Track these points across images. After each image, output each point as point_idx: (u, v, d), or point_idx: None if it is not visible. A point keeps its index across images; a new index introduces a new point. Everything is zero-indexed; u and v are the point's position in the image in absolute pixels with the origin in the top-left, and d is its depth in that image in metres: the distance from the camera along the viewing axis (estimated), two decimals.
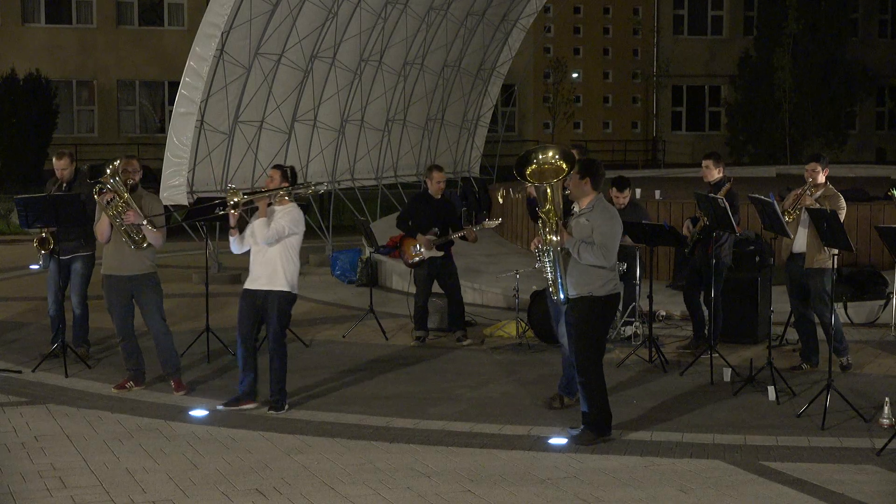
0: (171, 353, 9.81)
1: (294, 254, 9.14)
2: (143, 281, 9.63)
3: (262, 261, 9.10)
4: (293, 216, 9.11)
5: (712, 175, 11.07)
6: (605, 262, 8.09)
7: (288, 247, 9.08)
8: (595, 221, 8.13)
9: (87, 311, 11.12)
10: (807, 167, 10.25)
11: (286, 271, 9.07)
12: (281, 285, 9.07)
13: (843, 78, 40.29)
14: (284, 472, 7.53)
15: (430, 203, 11.99)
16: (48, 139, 32.33)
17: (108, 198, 9.38)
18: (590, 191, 8.22)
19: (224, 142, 17.49)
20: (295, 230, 9.10)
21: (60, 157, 10.97)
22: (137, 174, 9.62)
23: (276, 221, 9.04)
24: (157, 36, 39.10)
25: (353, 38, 20.03)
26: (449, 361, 11.11)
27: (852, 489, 7.16)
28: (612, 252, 8.15)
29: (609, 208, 8.30)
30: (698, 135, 44.03)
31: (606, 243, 8.09)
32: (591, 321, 8.21)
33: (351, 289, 15.70)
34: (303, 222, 9.22)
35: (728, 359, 10.30)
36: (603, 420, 8.24)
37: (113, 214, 9.41)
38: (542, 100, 41.79)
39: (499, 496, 7.07)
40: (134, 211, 9.39)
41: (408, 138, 23.82)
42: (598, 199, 8.24)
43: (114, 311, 9.75)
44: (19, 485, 7.24)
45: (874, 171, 29.26)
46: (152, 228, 9.47)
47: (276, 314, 9.09)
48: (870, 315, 12.72)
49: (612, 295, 8.26)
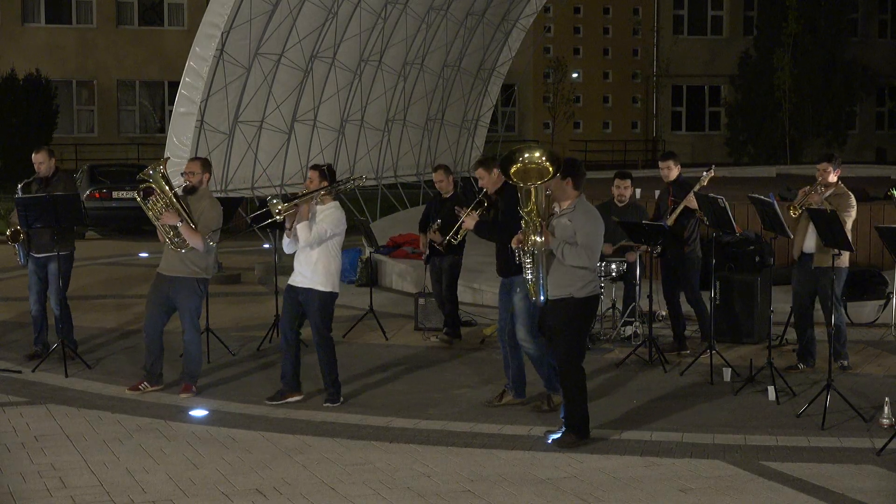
0: (195, 360, 9.75)
1: (336, 253, 9.27)
2: (184, 284, 9.53)
3: (304, 259, 9.21)
4: (334, 218, 9.20)
5: (673, 174, 11.27)
6: (589, 262, 8.03)
7: (330, 247, 9.20)
8: (577, 222, 8.05)
9: (69, 310, 10.99)
10: (818, 166, 10.25)
11: (327, 270, 9.18)
12: (321, 284, 9.17)
13: (843, 78, 40.32)
14: (284, 472, 7.52)
15: (441, 203, 11.98)
16: (48, 139, 32.31)
17: (150, 196, 9.33)
18: (572, 192, 8.14)
19: (224, 142, 17.49)
20: (336, 231, 9.20)
21: (38, 151, 10.98)
22: (195, 176, 9.55)
23: (317, 224, 9.13)
24: (157, 36, 39.11)
25: (353, 38, 20.04)
26: (449, 361, 11.11)
27: (852, 489, 7.16)
28: (596, 253, 8.11)
29: (591, 209, 8.21)
30: (698, 135, 44.05)
31: (590, 244, 8.03)
32: (572, 323, 8.13)
33: (351, 289, 15.69)
34: (344, 222, 9.29)
35: (728, 359, 10.30)
36: (583, 424, 8.15)
37: (152, 214, 9.38)
38: (542, 100, 41.81)
39: (499, 496, 7.07)
40: (171, 212, 9.31)
41: (408, 138, 23.83)
42: (580, 200, 8.17)
43: (149, 306, 9.75)
44: (19, 485, 7.24)
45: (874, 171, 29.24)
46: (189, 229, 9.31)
47: (317, 311, 9.20)
48: (870, 315, 12.72)
49: (592, 297, 8.17)
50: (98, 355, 11.28)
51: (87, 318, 13.14)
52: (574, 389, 8.14)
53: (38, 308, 11.03)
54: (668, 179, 11.36)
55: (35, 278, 11.00)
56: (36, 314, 11.08)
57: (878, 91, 43.69)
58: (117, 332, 12.56)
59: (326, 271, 9.20)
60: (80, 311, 13.31)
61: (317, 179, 9.27)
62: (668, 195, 11.32)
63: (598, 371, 10.46)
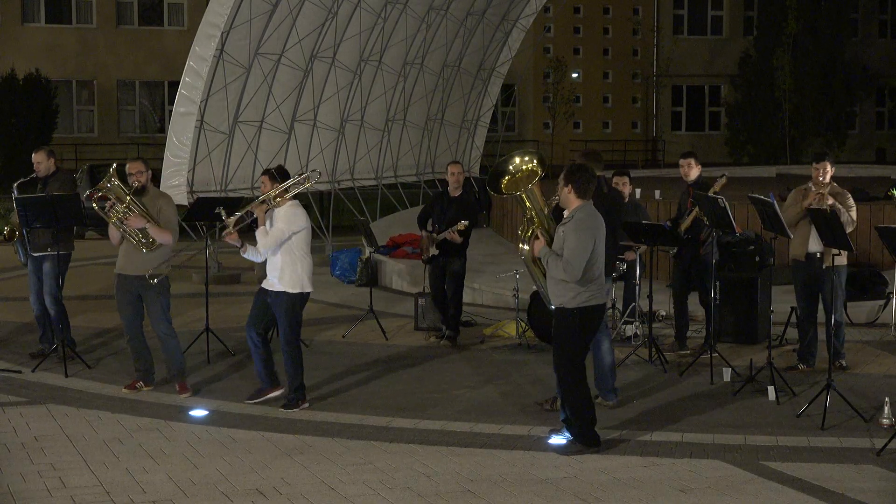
0: (175, 355, 9.77)
1: (301, 254, 9.10)
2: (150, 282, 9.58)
3: (271, 265, 9.14)
4: (288, 216, 9.04)
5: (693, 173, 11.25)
6: (568, 277, 7.78)
7: (292, 247, 9.06)
8: (567, 234, 7.82)
9: (64, 309, 10.97)
10: (817, 165, 10.17)
11: (293, 273, 9.06)
12: (286, 286, 9.08)
13: (843, 78, 40.30)
14: (284, 472, 7.52)
15: (448, 202, 11.93)
16: (48, 139, 32.31)
17: (108, 204, 9.39)
18: (574, 199, 7.90)
19: (224, 142, 17.49)
20: (293, 229, 9.04)
21: (37, 151, 11.01)
22: (143, 175, 9.56)
23: (273, 228, 9.01)
24: (157, 36, 39.10)
25: (352, 38, 20.04)
26: (449, 361, 11.11)
27: (852, 489, 7.16)
28: (576, 268, 7.75)
29: (586, 220, 7.84)
30: (698, 135, 44.02)
31: (571, 259, 7.73)
32: (565, 333, 8.00)
33: (351, 289, 15.70)
34: (301, 218, 9.10)
35: (728, 359, 10.30)
36: (590, 432, 8.02)
37: (115, 221, 9.42)
38: (542, 100, 41.81)
39: (499, 496, 7.07)
40: (135, 215, 9.37)
41: (408, 138, 23.83)
42: (579, 209, 7.87)
43: (122, 310, 9.75)
44: (19, 485, 7.24)
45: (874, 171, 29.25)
46: (157, 228, 9.41)
47: (284, 313, 9.11)
48: (870, 315, 12.72)
49: (585, 307, 7.89)
50: (98, 355, 11.28)
51: (87, 318, 13.15)
52: (573, 399, 8.01)
53: (39, 307, 11.04)
54: (689, 178, 11.20)
55: (34, 278, 11.01)
56: (38, 313, 11.10)
57: (878, 91, 43.66)
58: (117, 332, 12.55)
59: (293, 274, 9.06)
60: (79, 311, 13.33)
61: (269, 183, 9.09)
62: (688, 196, 11.18)
63: None
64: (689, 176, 11.20)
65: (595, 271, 7.90)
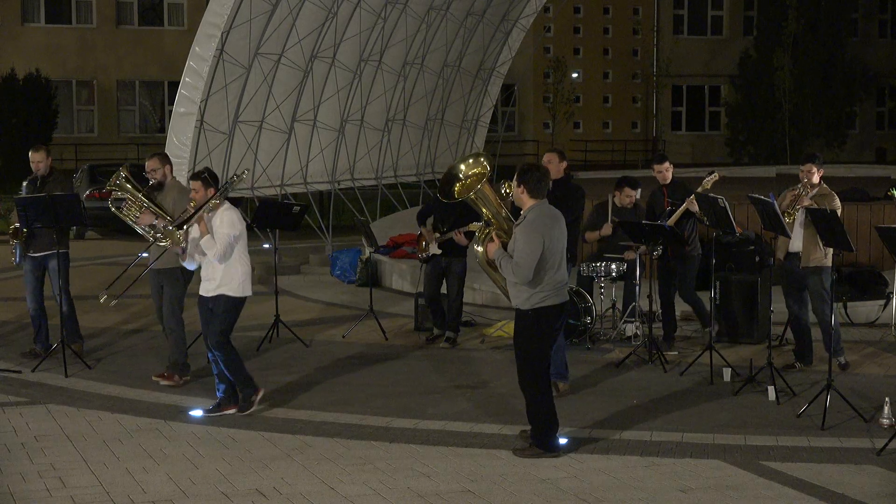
0: (177, 347, 10.00)
1: (239, 256, 8.89)
2: (167, 274, 9.95)
3: (209, 269, 8.93)
4: (228, 219, 8.82)
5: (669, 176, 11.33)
6: (518, 279, 7.63)
7: (235, 250, 8.87)
8: (517, 235, 7.65)
9: (73, 306, 11.07)
10: (802, 167, 10.26)
11: (233, 275, 8.87)
12: (231, 290, 8.90)
13: (843, 78, 40.32)
14: (284, 472, 7.53)
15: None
16: (48, 139, 32.33)
17: (122, 204, 9.60)
18: (527, 199, 7.75)
19: (224, 142, 17.49)
20: (236, 233, 8.83)
21: (37, 150, 11.05)
22: (158, 171, 9.88)
23: (217, 234, 8.78)
24: (156, 36, 39.12)
25: (352, 38, 20.04)
26: (449, 361, 11.11)
27: (852, 489, 7.16)
28: (525, 269, 7.58)
29: (535, 222, 7.66)
30: (698, 135, 44.07)
31: (520, 261, 7.57)
32: (521, 335, 7.88)
33: (351, 289, 15.70)
34: (238, 221, 8.88)
35: (728, 359, 10.30)
36: (547, 437, 7.87)
37: (132, 220, 9.66)
38: (542, 100, 41.82)
39: (499, 496, 7.07)
40: (145, 213, 9.58)
41: (408, 138, 23.83)
42: (531, 209, 7.71)
43: (154, 303, 10.31)
44: (19, 485, 7.24)
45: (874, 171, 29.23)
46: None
47: (222, 314, 8.90)
48: (870, 315, 12.73)
49: (540, 308, 7.73)
50: (98, 355, 11.28)
51: (87, 318, 13.13)
52: (533, 404, 7.86)
53: (36, 307, 11.06)
54: (666, 182, 11.35)
55: (31, 277, 11.02)
56: (34, 313, 11.10)
57: (878, 91, 43.69)
58: (117, 332, 12.57)
59: (234, 277, 8.87)
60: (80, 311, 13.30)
61: (201, 189, 8.85)
62: (662, 197, 11.32)
63: (598, 371, 10.46)
64: (668, 179, 11.35)
65: (549, 272, 7.74)
